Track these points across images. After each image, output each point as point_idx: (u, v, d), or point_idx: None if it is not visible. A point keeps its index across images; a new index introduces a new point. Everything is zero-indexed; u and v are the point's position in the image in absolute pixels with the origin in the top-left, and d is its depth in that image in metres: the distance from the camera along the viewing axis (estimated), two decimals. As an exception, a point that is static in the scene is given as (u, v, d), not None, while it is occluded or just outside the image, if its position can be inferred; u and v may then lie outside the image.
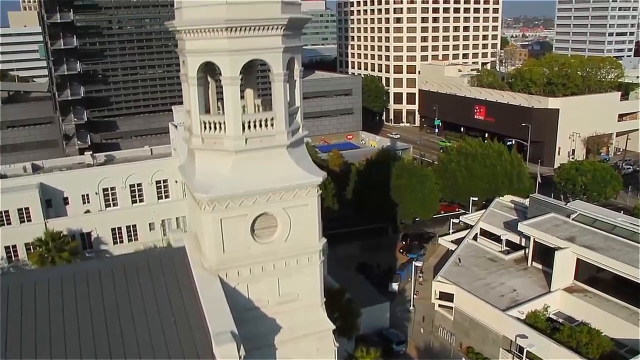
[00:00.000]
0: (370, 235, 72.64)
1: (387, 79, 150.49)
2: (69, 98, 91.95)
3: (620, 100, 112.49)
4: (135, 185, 56.70)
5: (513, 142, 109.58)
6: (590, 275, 49.95)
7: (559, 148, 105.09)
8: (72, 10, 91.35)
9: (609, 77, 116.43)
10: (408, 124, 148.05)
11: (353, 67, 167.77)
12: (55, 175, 54.64)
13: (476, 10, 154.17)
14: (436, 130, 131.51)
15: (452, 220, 70.09)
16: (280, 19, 22.60)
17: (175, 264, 25.62)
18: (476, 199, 72.72)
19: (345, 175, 77.92)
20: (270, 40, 22.96)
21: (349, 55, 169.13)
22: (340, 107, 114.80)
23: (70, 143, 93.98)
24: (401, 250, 70.22)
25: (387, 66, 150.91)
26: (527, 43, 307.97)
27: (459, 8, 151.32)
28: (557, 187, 76.61)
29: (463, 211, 78.04)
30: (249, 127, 23.63)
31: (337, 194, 70.54)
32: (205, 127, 24.02)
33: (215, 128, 23.85)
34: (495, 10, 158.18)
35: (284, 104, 23.81)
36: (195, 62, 23.32)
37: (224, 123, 23.50)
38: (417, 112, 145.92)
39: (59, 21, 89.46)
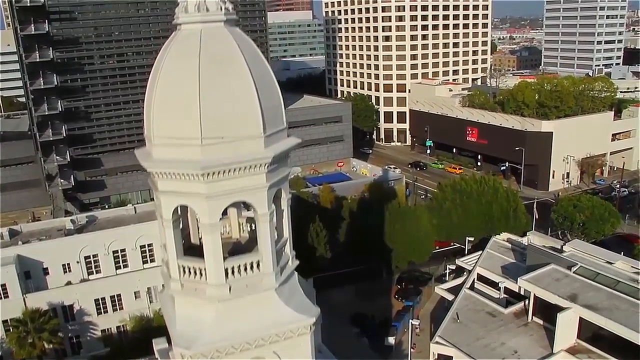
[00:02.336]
0: (364, 277, 70.68)
1: (377, 98, 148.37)
2: (51, 138, 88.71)
3: (614, 119, 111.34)
4: (119, 251, 54.03)
5: (507, 165, 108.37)
6: (593, 333, 48.50)
7: (553, 171, 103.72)
8: (51, 47, 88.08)
9: (602, 95, 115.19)
10: (399, 143, 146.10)
11: (342, 85, 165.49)
12: (34, 246, 51.79)
13: (465, 26, 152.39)
14: (428, 151, 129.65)
15: (448, 265, 68.28)
16: (264, 157, 20.21)
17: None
18: (472, 238, 71.07)
19: (337, 211, 76.00)
20: (253, 179, 20.50)
21: (338, 72, 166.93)
22: (331, 135, 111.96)
23: (53, 183, 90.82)
24: (396, 296, 68.41)
25: (377, 85, 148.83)
26: (515, 47, 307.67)
27: (448, 24, 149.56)
28: (554, 224, 75.25)
29: (459, 245, 76.37)
30: (233, 272, 21.39)
31: (329, 238, 68.49)
32: (184, 272, 21.76)
33: (195, 273, 21.58)
34: (485, 25, 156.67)
35: (270, 245, 21.54)
36: (169, 204, 20.93)
37: (205, 269, 21.24)
38: (408, 131, 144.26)
39: (37, 60, 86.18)
